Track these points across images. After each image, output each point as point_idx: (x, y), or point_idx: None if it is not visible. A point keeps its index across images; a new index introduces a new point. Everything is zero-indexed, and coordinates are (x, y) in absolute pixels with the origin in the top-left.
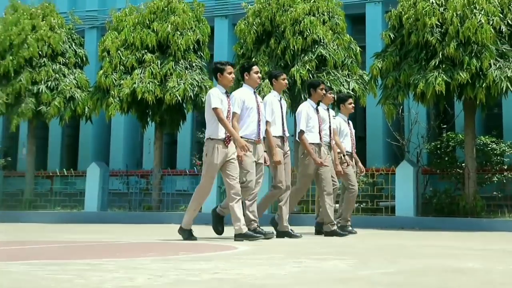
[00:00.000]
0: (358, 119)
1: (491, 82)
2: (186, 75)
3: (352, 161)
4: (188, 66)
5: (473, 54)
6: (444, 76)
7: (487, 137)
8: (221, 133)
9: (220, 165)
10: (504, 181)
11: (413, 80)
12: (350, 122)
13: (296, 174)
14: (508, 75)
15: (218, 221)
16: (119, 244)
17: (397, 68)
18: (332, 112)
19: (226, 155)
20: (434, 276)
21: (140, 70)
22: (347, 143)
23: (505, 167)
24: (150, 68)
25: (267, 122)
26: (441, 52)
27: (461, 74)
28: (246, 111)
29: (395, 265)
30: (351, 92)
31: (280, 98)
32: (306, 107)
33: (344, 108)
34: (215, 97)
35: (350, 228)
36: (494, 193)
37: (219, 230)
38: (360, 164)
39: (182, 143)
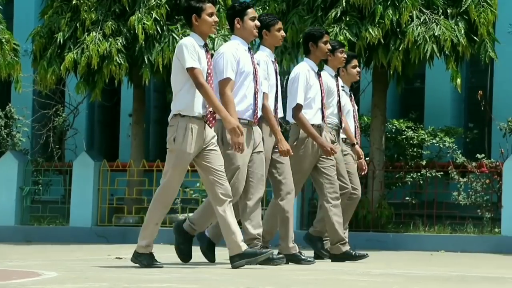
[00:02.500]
0: None
1: (411, 44)
2: None
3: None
4: None
5: (389, 2)
6: (347, 34)
7: (402, 121)
8: (199, 107)
9: (195, 155)
10: (421, 182)
11: None
12: (352, 95)
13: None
14: (436, 34)
15: (210, 246)
16: None
17: (283, 21)
18: (340, 81)
19: (204, 141)
20: None
21: None
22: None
23: (424, 163)
24: None
25: (263, 94)
26: None
27: (371, 30)
28: (240, 76)
29: None
30: None
31: (275, 58)
32: (304, 70)
33: (346, 74)
34: (191, 51)
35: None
36: (407, 198)
37: (209, 257)
38: (361, 158)
39: None
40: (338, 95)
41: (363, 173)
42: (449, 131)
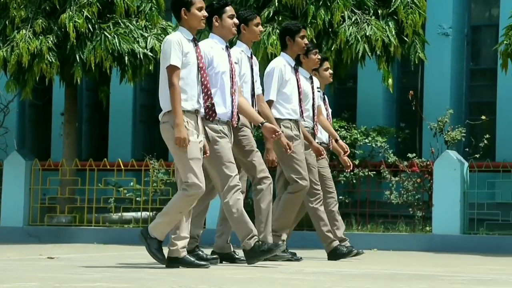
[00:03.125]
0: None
1: (343, 44)
2: None
3: (327, 156)
4: None
5: (321, 2)
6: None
7: (334, 120)
8: (193, 102)
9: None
10: (354, 181)
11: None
12: (326, 98)
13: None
14: (367, 34)
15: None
16: None
17: None
18: (316, 82)
19: (197, 136)
20: None
21: None
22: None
23: (356, 162)
24: None
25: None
26: None
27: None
28: (215, 76)
29: None
30: (149, 53)
31: (251, 54)
32: (280, 65)
33: (319, 76)
34: (176, 47)
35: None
36: (340, 197)
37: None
38: (347, 152)
39: None
40: (313, 98)
41: (348, 170)
42: (381, 130)
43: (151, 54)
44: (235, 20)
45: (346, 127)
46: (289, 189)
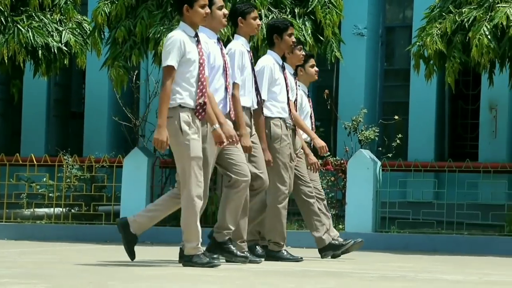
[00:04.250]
0: (73, 87)
1: (259, 41)
2: None
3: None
4: None
5: (237, 0)
6: None
7: None
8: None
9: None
10: None
11: (154, 34)
12: (310, 97)
13: None
14: None
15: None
16: None
17: (132, 15)
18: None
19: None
20: None
21: None
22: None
23: None
24: None
25: (234, 84)
26: None
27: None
28: (212, 71)
29: None
30: (64, 47)
31: (250, 48)
32: (269, 64)
33: (304, 73)
34: (177, 48)
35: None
36: None
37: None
38: (312, 157)
39: None
40: (296, 94)
41: (315, 173)
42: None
43: (66, 49)
44: (225, 11)
45: None
46: (269, 198)
